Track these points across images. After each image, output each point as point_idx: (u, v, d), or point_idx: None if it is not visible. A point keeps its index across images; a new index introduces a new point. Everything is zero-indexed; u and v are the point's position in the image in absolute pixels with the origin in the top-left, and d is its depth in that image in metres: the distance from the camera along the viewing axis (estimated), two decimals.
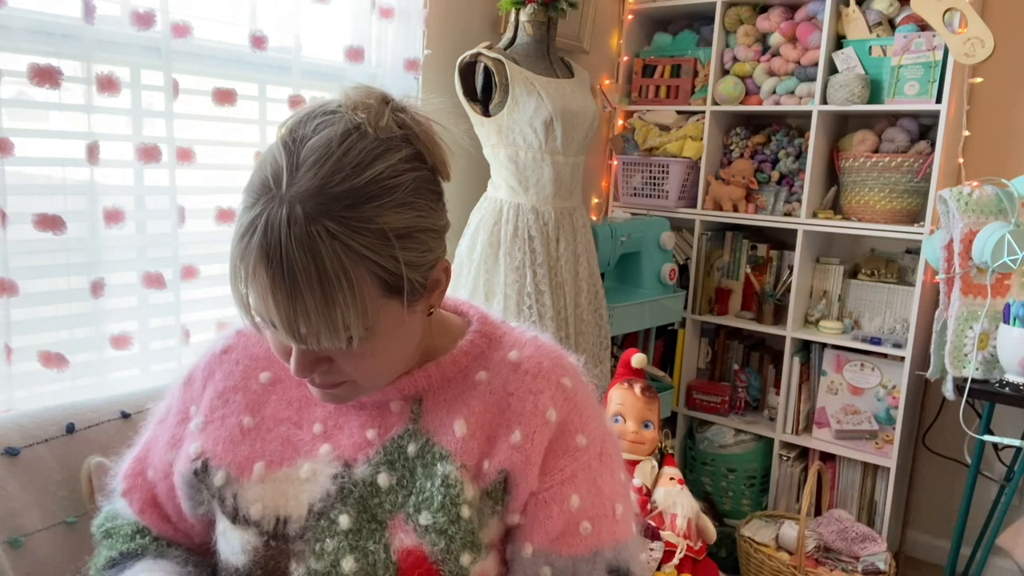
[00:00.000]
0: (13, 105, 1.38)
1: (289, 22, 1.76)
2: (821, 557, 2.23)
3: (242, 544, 0.80)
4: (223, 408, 0.84)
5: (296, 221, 0.63)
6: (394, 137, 0.69)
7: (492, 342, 0.85)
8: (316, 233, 0.63)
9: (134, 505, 0.89)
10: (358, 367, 0.73)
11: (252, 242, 0.64)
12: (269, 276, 0.64)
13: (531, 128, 1.98)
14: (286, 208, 0.64)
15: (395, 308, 0.70)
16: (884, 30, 2.36)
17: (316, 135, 0.67)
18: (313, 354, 0.71)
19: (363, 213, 0.65)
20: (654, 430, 1.91)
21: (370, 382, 0.76)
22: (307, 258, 0.63)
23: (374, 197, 0.66)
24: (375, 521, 0.78)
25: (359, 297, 0.66)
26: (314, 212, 0.64)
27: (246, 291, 0.67)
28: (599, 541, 0.80)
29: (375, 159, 0.67)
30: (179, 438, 0.86)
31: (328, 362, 0.72)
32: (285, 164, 0.66)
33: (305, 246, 0.63)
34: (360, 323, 0.67)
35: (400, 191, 0.68)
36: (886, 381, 2.42)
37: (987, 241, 1.97)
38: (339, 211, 0.64)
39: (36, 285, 1.42)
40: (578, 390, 0.83)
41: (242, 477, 0.80)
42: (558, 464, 0.79)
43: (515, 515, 0.80)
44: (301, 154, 0.66)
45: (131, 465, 0.90)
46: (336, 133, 0.67)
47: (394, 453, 0.80)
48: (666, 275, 2.52)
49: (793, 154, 2.60)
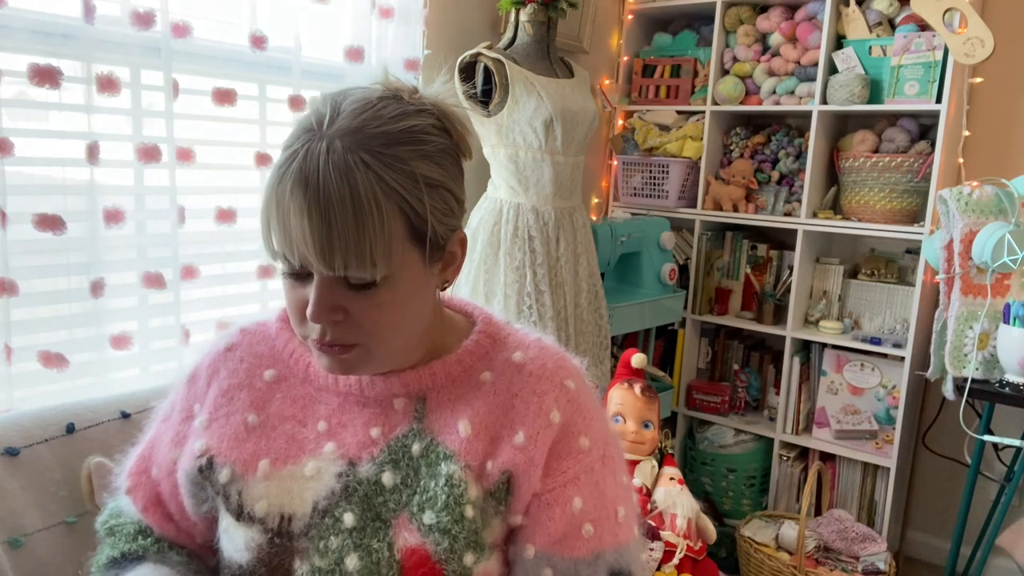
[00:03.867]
0: (13, 105, 1.38)
1: (289, 22, 1.76)
2: (821, 557, 2.23)
3: (246, 541, 0.80)
4: (228, 406, 0.85)
5: (335, 151, 0.68)
6: (425, 107, 0.76)
7: (497, 343, 0.85)
8: (353, 162, 0.68)
9: (137, 503, 0.89)
10: (373, 319, 0.73)
11: (291, 168, 0.69)
12: (306, 198, 0.67)
13: (531, 128, 1.98)
14: (326, 142, 0.69)
15: (416, 259, 0.74)
16: (884, 30, 2.36)
17: (355, 94, 0.74)
18: (333, 297, 0.72)
19: (397, 153, 0.71)
20: (654, 430, 1.91)
21: (381, 345, 0.76)
22: (343, 183, 0.67)
23: (407, 142, 0.72)
24: (379, 520, 0.78)
25: (388, 230, 0.69)
26: (352, 145, 0.69)
27: (280, 224, 0.69)
28: (601, 544, 0.80)
29: (409, 116, 0.73)
30: (183, 436, 0.86)
31: (344, 313, 0.73)
32: (328, 111, 0.72)
33: (342, 172, 0.68)
34: (385, 258, 0.70)
35: (430, 146, 0.73)
36: (886, 381, 2.42)
37: (987, 241, 1.97)
38: (376, 147, 0.70)
39: (36, 285, 1.42)
40: (581, 392, 0.83)
41: (247, 474, 0.80)
42: (561, 466, 0.79)
43: (518, 516, 0.80)
44: (342, 105, 0.72)
45: (135, 463, 0.91)
46: (374, 95, 0.74)
47: (398, 452, 0.80)
48: (666, 275, 2.52)
49: (793, 154, 2.60)
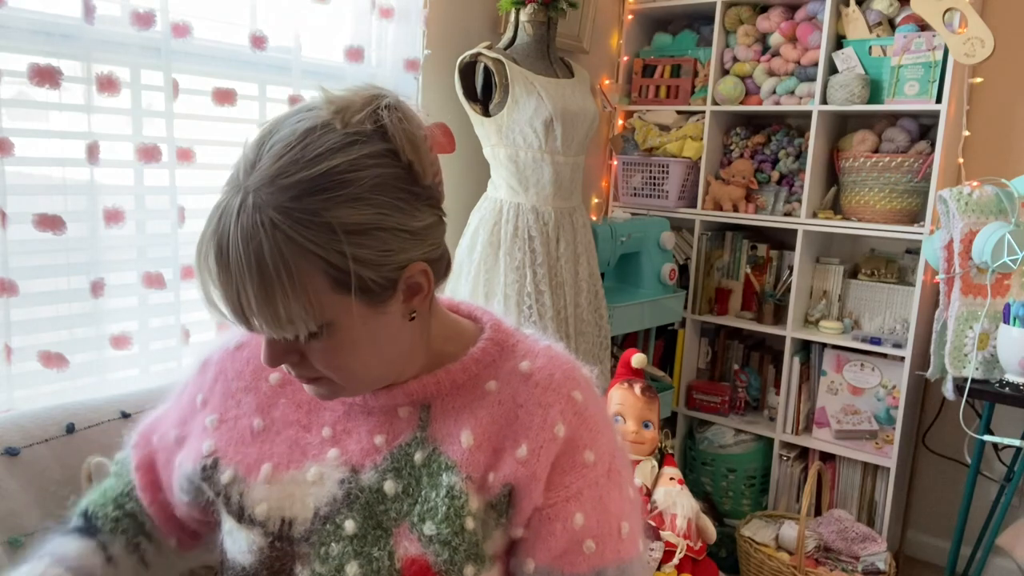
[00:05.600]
0: (13, 105, 1.38)
1: (289, 22, 1.76)
2: (821, 557, 2.23)
3: (248, 544, 0.80)
4: (236, 409, 0.85)
5: (245, 210, 0.65)
6: (364, 132, 0.68)
7: (504, 351, 0.83)
8: (260, 222, 0.64)
9: (134, 459, 0.93)
10: (327, 364, 0.72)
11: (209, 231, 0.66)
12: (217, 267, 0.66)
13: (531, 128, 1.98)
14: (240, 196, 0.65)
15: (356, 304, 0.69)
16: (884, 30, 2.36)
17: (286, 128, 0.68)
18: (280, 345, 0.71)
19: (309, 205, 0.65)
20: (654, 430, 1.91)
21: (347, 382, 0.75)
22: (248, 249, 0.64)
23: (324, 190, 0.65)
24: (380, 528, 0.77)
25: (301, 290, 0.65)
26: (262, 202, 0.64)
27: (202, 287, 0.68)
28: (602, 560, 0.78)
29: (335, 153, 0.66)
30: (185, 420, 0.89)
31: (297, 355, 0.72)
32: (252, 156, 0.67)
33: (248, 235, 0.64)
34: (307, 317, 0.66)
35: (355, 185, 0.66)
36: (886, 381, 2.42)
37: (987, 241, 1.96)
38: (285, 202, 0.64)
39: (36, 285, 1.41)
40: (589, 404, 0.80)
41: (249, 476, 0.81)
42: (563, 480, 0.78)
43: (519, 529, 0.79)
44: (267, 146, 0.67)
45: (148, 424, 0.96)
46: (304, 127, 0.68)
47: (401, 460, 0.79)
48: (666, 275, 2.52)
49: (793, 154, 2.60)
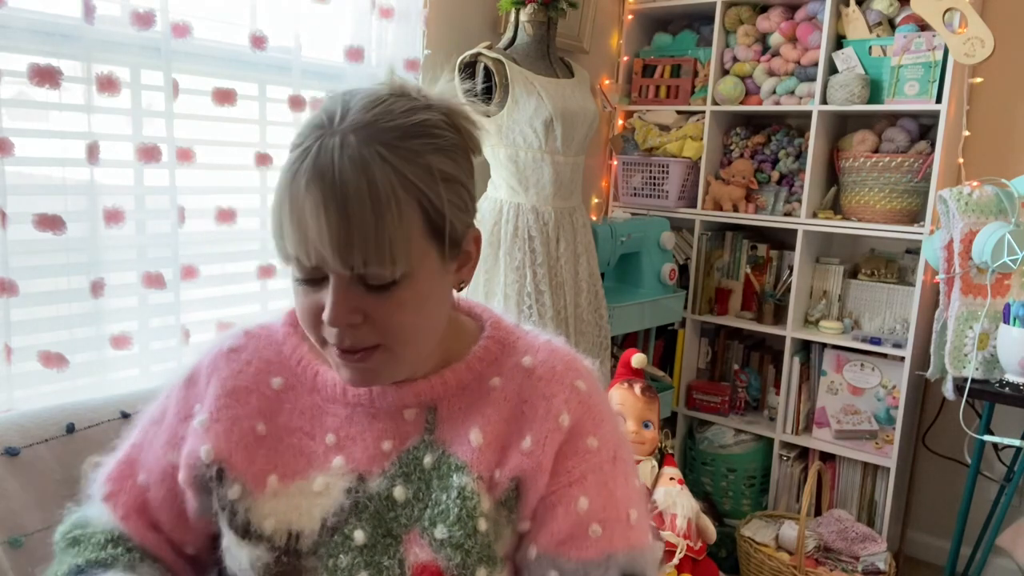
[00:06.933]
0: (13, 105, 1.38)
1: (289, 22, 1.76)
2: (821, 557, 2.23)
3: (251, 560, 0.76)
4: (236, 407, 0.80)
5: (349, 144, 0.66)
6: (432, 104, 0.73)
7: (506, 347, 0.83)
8: (369, 155, 0.66)
9: (118, 510, 0.83)
10: (394, 321, 0.70)
11: (304, 164, 0.66)
12: (322, 193, 0.65)
13: (531, 128, 1.98)
14: (339, 136, 0.67)
15: (434, 257, 0.71)
16: (884, 30, 2.36)
17: (363, 91, 0.72)
18: (351, 300, 0.69)
19: (412, 146, 0.68)
20: (654, 430, 1.91)
21: (402, 347, 0.73)
22: (360, 176, 0.65)
23: (421, 136, 0.70)
24: (390, 536, 0.76)
25: (407, 224, 0.67)
26: (367, 139, 0.67)
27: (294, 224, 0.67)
28: (611, 545, 0.76)
29: (419, 111, 0.71)
30: (180, 437, 0.82)
31: (362, 315, 0.70)
32: (339, 107, 0.69)
33: (359, 165, 0.66)
34: (405, 254, 0.68)
35: (443, 140, 0.71)
36: (886, 381, 2.42)
37: (987, 241, 1.96)
38: (391, 140, 0.68)
39: (36, 285, 1.41)
40: (592, 393, 0.81)
41: (256, 490, 0.77)
42: (566, 465, 0.77)
43: (526, 522, 0.78)
44: (352, 102, 0.70)
45: (117, 468, 0.85)
46: (383, 92, 0.72)
47: (410, 465, 0.78)
48: (666, 275, 2.52)
49: (793, 154, 2.60)
